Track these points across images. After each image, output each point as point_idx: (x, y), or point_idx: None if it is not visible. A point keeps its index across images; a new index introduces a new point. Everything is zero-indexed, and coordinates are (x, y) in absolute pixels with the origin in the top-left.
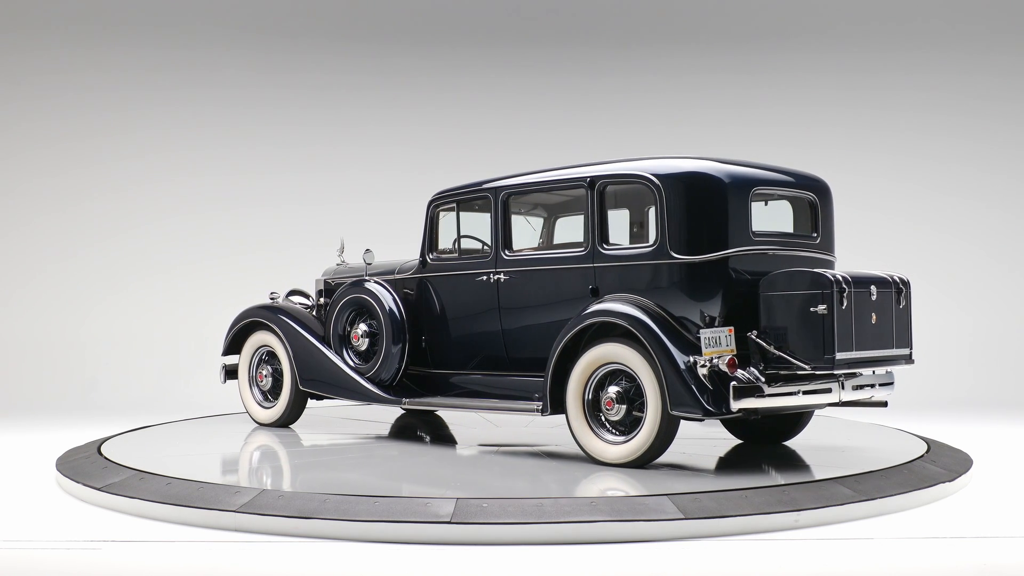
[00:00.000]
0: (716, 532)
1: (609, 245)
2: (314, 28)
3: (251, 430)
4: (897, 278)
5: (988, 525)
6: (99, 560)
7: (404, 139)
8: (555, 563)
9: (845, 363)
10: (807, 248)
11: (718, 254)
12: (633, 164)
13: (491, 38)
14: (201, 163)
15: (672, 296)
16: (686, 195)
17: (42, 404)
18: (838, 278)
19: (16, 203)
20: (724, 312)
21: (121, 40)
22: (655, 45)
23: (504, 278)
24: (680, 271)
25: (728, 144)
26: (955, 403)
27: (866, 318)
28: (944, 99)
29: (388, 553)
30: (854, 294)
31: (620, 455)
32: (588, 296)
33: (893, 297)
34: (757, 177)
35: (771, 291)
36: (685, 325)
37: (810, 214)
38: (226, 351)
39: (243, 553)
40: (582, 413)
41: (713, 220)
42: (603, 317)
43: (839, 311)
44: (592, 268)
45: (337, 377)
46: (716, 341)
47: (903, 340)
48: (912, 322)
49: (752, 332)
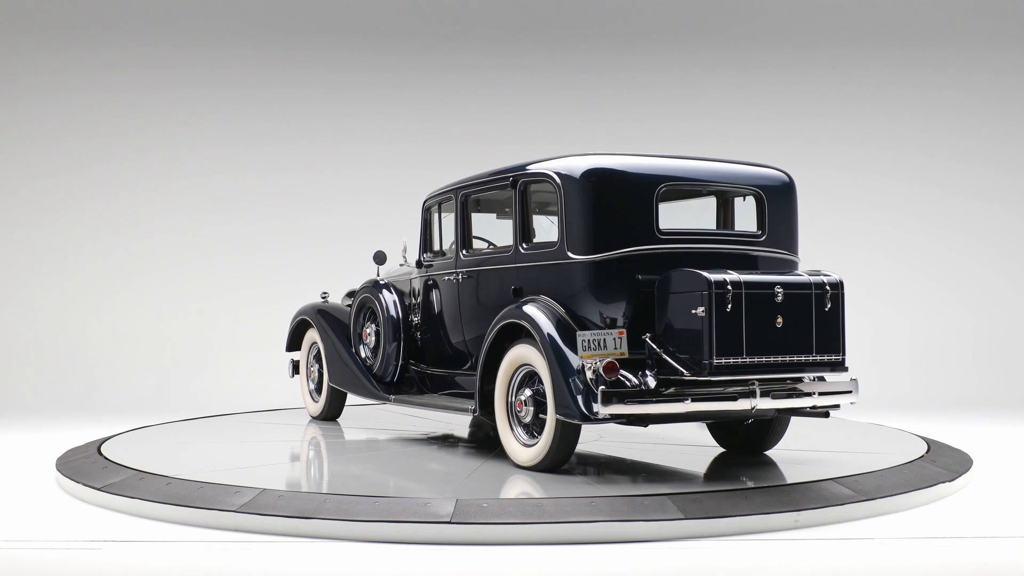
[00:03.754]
0: (716, 532)
1: (528, 245)
2: (315, 28)
3: (260, 426)
4: (824, 280)
5: (988, 525)
6: (99, 560)
7: (413, 137)
8: (555, 563)
9: (729, 370)
10: (748, 247)
11: (614, 253)
12: (547, 162)
13: (494, 36)
14: (201, 163)
15: (580, 297)
16: (582, 193)
17: (42, 404)
18: (720, 279)
19: (17, 203)
20: (630, 313)
21: (121, 40)
22: (655, 42)
23: (462, 279)
24: (578, 271)
25: (728, 142)
26: (955, 403)
27: (767, 322)
28: (945, 99)
29: (388, 553)
30: (748, 296)
31: (528, 458)
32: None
33: (813, 300)
34: (666, 173)
35: (662, 292)
36: (587, 327)
37: (756, 211)
38: (288, 347)
39: (243, 553)
40: (505, 414)
41: (610, 218)
42: (510, 318)
43: (720, 313)
44: (515, 268)
45: (351, 374)
46: (598, 344)
47: (828, 346)
48: (844, 327)
49: (647, 335)
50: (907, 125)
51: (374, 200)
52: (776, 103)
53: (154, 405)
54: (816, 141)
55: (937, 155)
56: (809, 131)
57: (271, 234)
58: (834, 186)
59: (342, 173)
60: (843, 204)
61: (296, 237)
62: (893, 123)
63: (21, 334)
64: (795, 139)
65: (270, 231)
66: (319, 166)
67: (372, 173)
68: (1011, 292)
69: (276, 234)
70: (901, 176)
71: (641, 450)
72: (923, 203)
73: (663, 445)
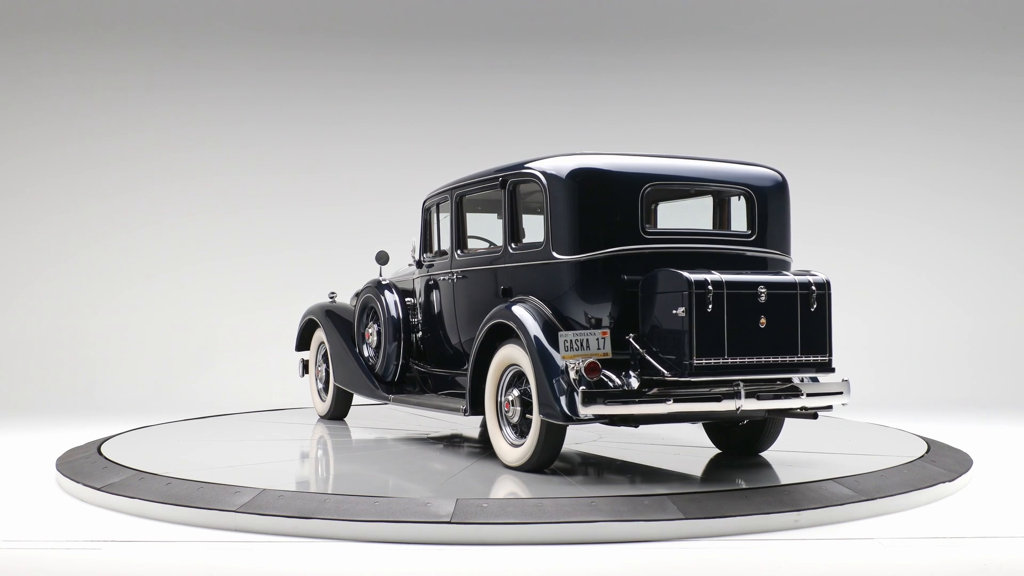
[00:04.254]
0: (716, 532)
1: (517, 245)
2: (314, 27)
3: (257, 426)
4: (810, 280)
5: (988, 525)
6: (99, 560)
7: (417, 138)
8: (555, 563)
9: (710, 370)
10: (739, 246)
11: (598, 253)
12: (535, 162)
13: (494, 36)
14: (202, 163)
15: (566, 297)
16: (567, 192)
17: (42, 404)
18: (701, 278)
19: (18, 204)
20: (616, 314)
21: (121, 41)
22: (656, 42)
23: (457, 279)
24: (564, 271)
25: (728, 142)
26: (955, 403)
27: (749, 322)
28: (945, 99)
29: (388, 553)
30: (729, 296)
31: (515, 458)
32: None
33: (798, 300)
34: (652, 172)
35: (645, 292)
36: (572, 327)
37: (745, 210)
38: (297, 347)
39: (243, 553)
40: (495, 415)
41: (595, 218)
42: (498, 319)
43: (700, 314)
44: (505, 268)
45: (354, 374)
46: (581, 344)
47: (814, 347)
48: (831, 328)
49: (630, 335)
50: (906, 125)
51: (376, 200)
52: (776, 103)
53: (154, 405)
54: (815, 141)
55: (937, 156)
56: (808, 131)
57: (271, 235)
58: (834, 186)
59: (343, 173)
60: (843, 205)
61: (297, 237)
62: (892, 124)
63: (22, 334)
64: (794, 139)
65: (270, 232)
66: (320, 167)
67: (373, 173)
68: (1011, 292)
69: (277, 234)
70: (901, 177)
71: (641, 450)
72: (923, 204)
73: (663, 446)
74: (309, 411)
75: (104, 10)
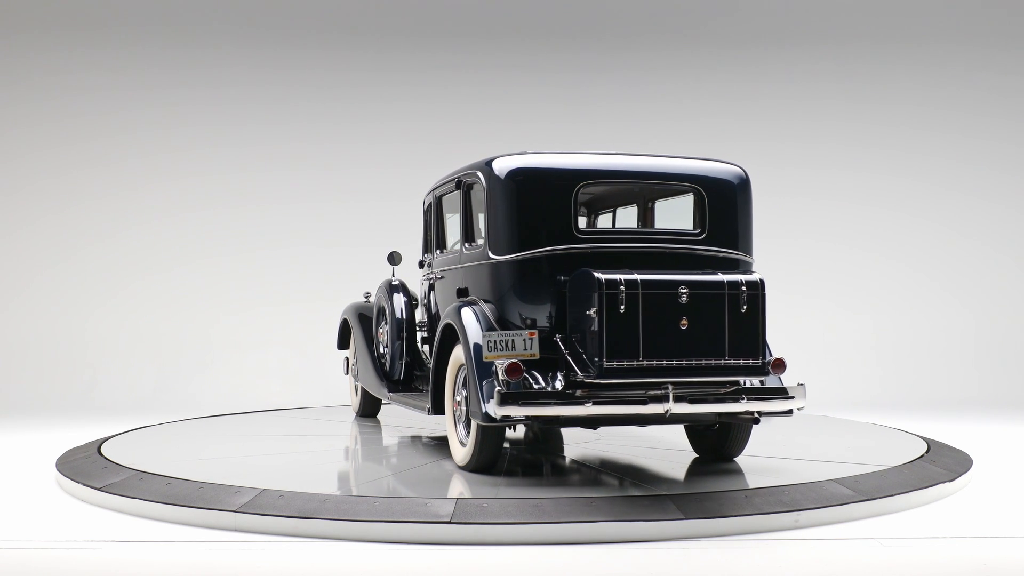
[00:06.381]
0: (716, 532)
1: (470, 246)
2: (315, 26)
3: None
4: (740, 279)
5: (988, 525)
6: (99, 560)
7: (423, 137)
8: (555, 563)
9: (622, 372)
10: (684, 245)
11: (529, 253)
12: (481, 162)
13: (497, 37)
14: (202, 163)
15: (506, 298)
16: (504, 192)
17: (42, 404)
18: (612, 278)
19: (18, 204)
20: (552, 314)
21: (121, 40)
22: (656, 43)
23: (437, 279)
24: (501, 271)
25: (727, 140)
26: (955, 403)
27: (669, 323)
28: (946, 97)
29: (388, 553)
30: (645, 296)
31: (461, 457)
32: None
33: (726, 301)
34: (585, 170)
35: (571, 292)
36: (509, 327)
37: (693, 207)
38: (339, 345)
39: (243, 553)
40: (452, 414)
41: (529, 218)
42: (447, 319)
43: (612, 314)
44: (458, 270)
45: (367, 372)
46: (505, 345)
47: (745, 349)
48: (765, 328)
49: (557, 336)
50: (908, 124)
51: (379, 201)
52: (776, 103)
53: (154, 405)
54: (815, 140)
55: (939, 155)
56: (808, 131)
57: (272, 235)
58: (834, 186)
59: (344, 174)
60: (844, 204)
61: (297, 237)
62: (894, 122)
63: (22, 334)
64: (794, 139)
65: (271, 232)
66: (321, 166)
67: (375, 173)
68: (1012, 292)
69: (277, 235)
70: (903, 176)
71: (641, 451)
72: (924, 203)
73: (663, 446)
74: (310, 411)
75: (104, 10)
